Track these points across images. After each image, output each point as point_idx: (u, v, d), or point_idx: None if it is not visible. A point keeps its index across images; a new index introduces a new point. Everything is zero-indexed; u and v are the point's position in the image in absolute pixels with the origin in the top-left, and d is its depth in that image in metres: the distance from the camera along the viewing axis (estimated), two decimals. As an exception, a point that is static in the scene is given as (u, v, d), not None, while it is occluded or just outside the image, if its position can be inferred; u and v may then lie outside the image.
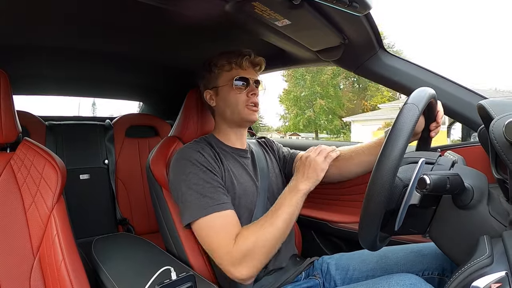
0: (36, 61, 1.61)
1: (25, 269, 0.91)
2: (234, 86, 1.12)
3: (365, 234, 0.67)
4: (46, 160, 0.98)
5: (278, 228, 0.94)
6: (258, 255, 0.92)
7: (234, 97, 1.13)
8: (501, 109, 0.67)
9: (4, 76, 0.94)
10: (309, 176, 1.04)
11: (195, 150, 1.06)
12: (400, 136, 0.63)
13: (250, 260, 0.91)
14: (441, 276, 0.97)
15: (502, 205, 0.69)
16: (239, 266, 0.91)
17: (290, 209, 0.97)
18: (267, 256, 0.95)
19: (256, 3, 0.87)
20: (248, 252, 0.91)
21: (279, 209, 0.97)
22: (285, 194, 1.01)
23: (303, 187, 1.01)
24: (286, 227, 0.96)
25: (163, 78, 2.14)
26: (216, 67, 1.16)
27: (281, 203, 0.99)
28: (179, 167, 1.04)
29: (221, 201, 0.97)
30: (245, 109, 1.14)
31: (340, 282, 1.09)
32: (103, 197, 2.03)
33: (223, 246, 0.93)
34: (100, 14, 1.11)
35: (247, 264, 0.91)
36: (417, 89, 0.74)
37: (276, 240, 0.94)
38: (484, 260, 0.57)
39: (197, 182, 0.99)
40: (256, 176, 1.17)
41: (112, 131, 2.12)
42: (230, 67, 1.15)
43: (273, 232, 0.93)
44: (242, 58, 1.14)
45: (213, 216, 0.95)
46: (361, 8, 0.84)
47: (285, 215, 0.96)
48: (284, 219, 0.95)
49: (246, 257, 0.91)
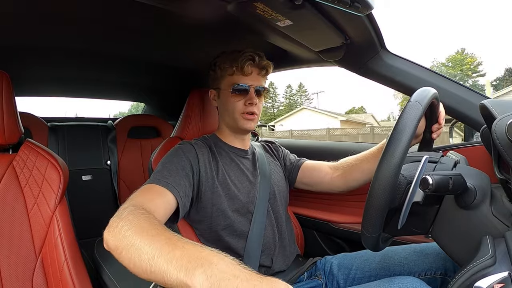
0: (38, 63, 1.62)
1: (28, 269, 0.91)
2: (231, 93, 1.10)
3: (367, 234, 0.67)
4: (49, 161, 0.98)
5: (139, 263, 0.58)
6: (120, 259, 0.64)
7: (232, 105, 1.11)
8: (503, 109, 0.67)
9: (6, 77, 0.95)
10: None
11: (188, 143, 1.08)
12: (404, 133, 0.63)
13: (113, 238, 0.65)
14: (443, 276, 0.97)
15: (504, 205, 0.69)
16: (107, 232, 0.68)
17: (162, 267, 0.54)
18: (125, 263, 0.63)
19: (257, 4, 0.87)
20: (112, 239, 0.66)
21: (165, 253, 0.55)
22: (187, 254, 0.54)
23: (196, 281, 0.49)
24: (142, 272, 0.58)
25: (165, 79, 2.14)
26: (219, 68, 1.14)
27: (174, 250, 0.55)
28: (168, 154, 1.04)
29: (172, 183, 0.90)
30: (241, 118, 1.12)
31: (343, 282, 1.09)
32: (105, 198, 2.04)
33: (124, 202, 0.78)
34: (102, 15, 1.11)
35: (111, 238, 0.66)
36: (420, 89, 0.74)
37: (131, 266, 0.61)
38: (487, 261, 0.56)
39: (169, 162, 0.98)
40: (255, 176, 1.16)
41: (114, 132, 2.13)
42: (232, 71, 1.11)
43: (133, 259, 0.60)
44: (245, 62, 1.09)
45: (152, 185, 0.87)
46: (362, 8, 0.84)
47: (152, 266, 0.55)
48: (148, 266, 0.56)
49: (114, 232, 0.66)
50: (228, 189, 1.07)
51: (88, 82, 2.09)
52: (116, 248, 0.64)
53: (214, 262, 0.50)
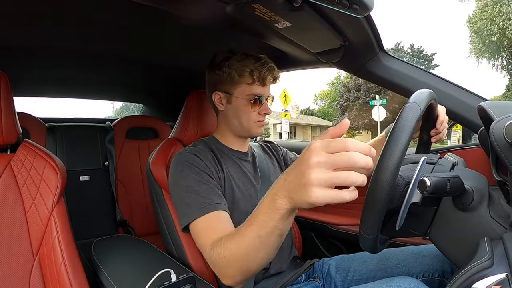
0: (37, 63, 1.61)
1: (25, 270, 0.91)
2: (250, 103, 1.08)
3: (365, 235, 0.67)
4: (46, 162, 0.98)
5: (251, 251, 0.74)
6: (233, 271, 0.80)
7: (247, 114, 1.10)
8: (501, 111, 0.67)
9: (4, 77, 0.95)
10: (294, 192, 0.60)
11: (192, 154, 1.06)
12: (402, 134, 0.63)
13: (226, 273, 0.83)
14: (441, 278, 0.97)
15: (502, 207, 0.69)
16: (219, 275, 0.85)
17: (265, 231, 0.68)
18: (245, 272, 0.81)
19: (256, 5, 0.87)
20: (222, 266, 0.82)
21: (252, 227, 0.71)
22: (262, 207, 0.68)
23: (282, 206, 0.63)
24: (262, 248, 0.73)
25: (163, 80, 2.14)
26: (236, 73, 1.08)
27: (256, 218, 0.70)
28: (177, 171, 1.04)
29: (216, 202, 0.96)
30: (255, 126, 1.12)
31: (341, 284, 1.09)
32: (103, 199, 2.03)
33: (203, 249, 0.90)
34: (102, 15, 1.11)
35: (225, 275, 0.84)
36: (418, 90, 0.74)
37: (251, 261, 0.76)
38: (485, 262, 0.56)
39: (193, 184, 0.99)
40: (257, 179, 1.16)
41: (113, 132, 2.12)
42: (252, 80, 1.07)
43: (245, 253, 0.75)
44: (267, 73, 1.07)
45: (206, 216, 0.93)
46: (361, 10, 0.84)
47: (258, 238, 0.70)
48: (259, 242, 0.71)
49: (221, 269, 0.83)
50: (233, 192, 1.07)
51: (87, 82, 2.09)
52: (225, 262, 0.79)
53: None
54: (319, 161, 0.54)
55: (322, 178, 0.54)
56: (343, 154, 0.53)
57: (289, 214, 0.65)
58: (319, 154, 0.55)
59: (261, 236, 0.69)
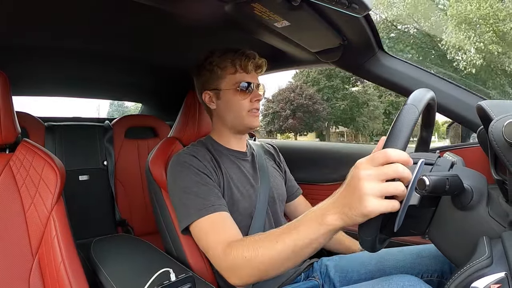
0: (36, 62, 1.61)
1: (24, 270, 0.90)
2: (237, 92, 1.09)
3: (364, 235, 0.67)
4: (45, 161, 0.98)
5: (280, 256, 0.75)
6: (250, 272, 0.81)
7: (238, 103, 1.10)
8: (500, 110, 0.67)
9: (4, 76, 0.94)
10: (348, 207, 0.64)
11: (190, 155, 1.06)
12: (400, 137, 0.63)
13: (240, 273, 0.83)
14: (440, 278, 0.97)
15: (501, 206, 0.69)
16: (230, 275, 0.86)
17: (303, 242, 0.71)
18: (262, 276, 0.82)
19: (255, 4, 0.87)
20: (238, 267, 0.82)
21: (290, 235, 0.73)
22: (307, 220, 0.72)
23: (332, 222, 0.67)
24: (293, 257, 0.75)
25: (162, 79, 2.14)
26: (219, 68, 1.11)
27: (296, 228, 0.73)
28: (175, 172, 1.04)
29: (215, 203, 0.96)
30: (248, 115, 1.12)
31: (339, 283, 1.09)
32: (102, 198, 2.03)
33: (212, 248, 0.90)
34: (100, 15, 1.11)
35: (237, 276, 0.84)
36: (416, 90, 0.74)
37: (274, 266, 0.78)
38: (484, 261, 0.56)
39: (191, 185, 0.99)
40: (256, 179, 1.16)
41: (111, 132, 2.11)
42: (234, 70, 1.10)
43: (273, 258, 0.76)
44: (248, 61, 1.09)
45: (207, 218, 0.94)
46: (360, 9, 0.84)
47: (293, 247, 0.72)
48: (292, 250, 0.73)
49: (236, 270, 0.84)
50: (231, 193, 1.07)
51: (86, 82, 2.09)
52: (246, 264, 0.80)
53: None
54: (369, 174, 0.60)
55: (376, 188, 0.59)
56: (390, 166, 0.59)
57: (336, 231, 0.69)
58: (367, 168, 0.60)
59: (296, 245, 0.72)
